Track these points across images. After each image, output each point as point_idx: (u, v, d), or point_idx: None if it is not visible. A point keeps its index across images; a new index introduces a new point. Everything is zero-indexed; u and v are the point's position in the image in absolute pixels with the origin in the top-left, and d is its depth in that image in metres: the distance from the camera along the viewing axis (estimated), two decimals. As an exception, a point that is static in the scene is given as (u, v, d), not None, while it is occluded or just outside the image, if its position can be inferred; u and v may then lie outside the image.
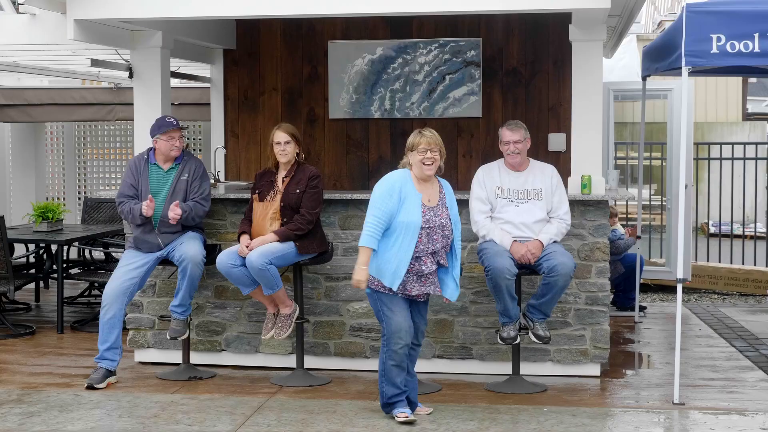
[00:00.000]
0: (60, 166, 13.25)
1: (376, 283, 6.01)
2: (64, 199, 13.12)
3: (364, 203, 6.54)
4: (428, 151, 6.00)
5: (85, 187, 13.21)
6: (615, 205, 10.82)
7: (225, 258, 6.89)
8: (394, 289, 5.94)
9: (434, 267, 6.03)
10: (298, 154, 7.07)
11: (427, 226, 5.96)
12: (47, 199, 12.64)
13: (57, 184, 13.29)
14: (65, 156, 13.19)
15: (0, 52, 8.88)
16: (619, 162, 14.35)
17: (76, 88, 11.67)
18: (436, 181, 6.16)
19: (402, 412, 6.03)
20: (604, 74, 12.32)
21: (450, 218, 6.09)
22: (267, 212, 6.97)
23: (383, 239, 5.95)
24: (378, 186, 6.08)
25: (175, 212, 6.98)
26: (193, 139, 12.87)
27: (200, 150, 12.67)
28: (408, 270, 5.94)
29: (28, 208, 9.79)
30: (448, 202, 6.14)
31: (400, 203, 5.93)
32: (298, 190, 6.95)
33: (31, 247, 9.82)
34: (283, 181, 7.02)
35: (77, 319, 9.40)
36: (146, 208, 6.97)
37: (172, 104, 10.75)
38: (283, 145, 7.00)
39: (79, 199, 12.95)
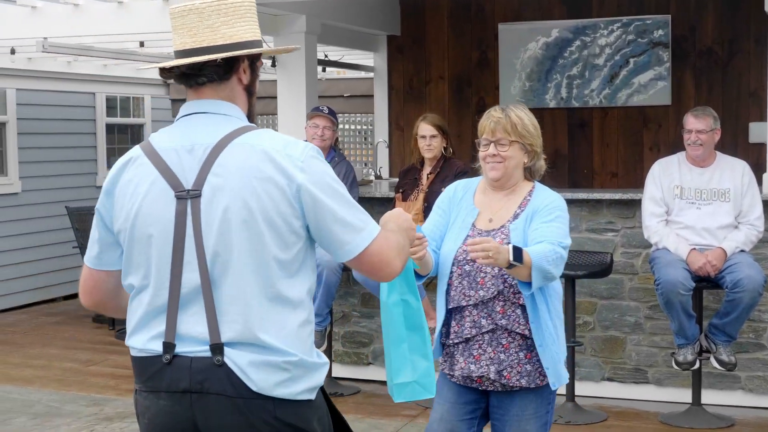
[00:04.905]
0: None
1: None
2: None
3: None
4: (492, 145, 3.61)
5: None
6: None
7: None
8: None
9: (489, 328, 3.52)
10: (445, 148, 6.36)
11: (462, 258, 3.56)
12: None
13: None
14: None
15: (147, 42, 8.57)
16: None
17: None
18: (524, 190, 3.67)
19: None
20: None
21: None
22: (409, 212, 6.26)
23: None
24: None
25: None
26: (368, 129, 12.34)
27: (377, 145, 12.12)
28: (453, 332, 3.60)
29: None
30: (527, 222, 3.57)
31: (448, 224, 3.72)
32: (443, 189, 6.20)
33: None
34: (428, 178, 6.32)
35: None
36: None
37: (341, 97, 10.27)
38: (428, 139, 6.33)
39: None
